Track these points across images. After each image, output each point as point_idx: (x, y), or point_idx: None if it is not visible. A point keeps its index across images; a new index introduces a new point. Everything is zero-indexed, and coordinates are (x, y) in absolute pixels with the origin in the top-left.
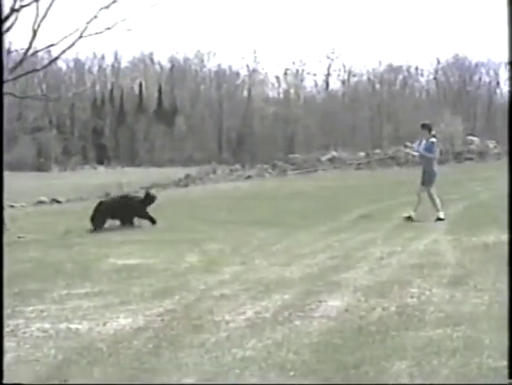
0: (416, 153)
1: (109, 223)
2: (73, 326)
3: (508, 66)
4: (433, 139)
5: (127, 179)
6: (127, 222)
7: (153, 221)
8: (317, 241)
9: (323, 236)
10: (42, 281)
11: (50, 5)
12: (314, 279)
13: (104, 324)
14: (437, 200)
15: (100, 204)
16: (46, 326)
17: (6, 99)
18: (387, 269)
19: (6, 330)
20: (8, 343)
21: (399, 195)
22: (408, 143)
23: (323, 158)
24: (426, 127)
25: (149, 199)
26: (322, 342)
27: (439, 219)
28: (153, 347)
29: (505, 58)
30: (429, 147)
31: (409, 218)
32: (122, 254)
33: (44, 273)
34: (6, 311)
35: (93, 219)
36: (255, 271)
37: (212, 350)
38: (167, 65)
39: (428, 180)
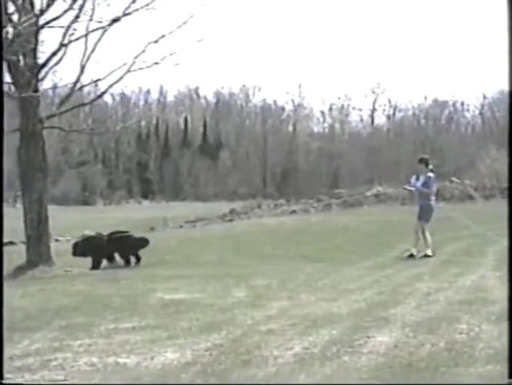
0: (412, 188)
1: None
2: (121, 360)
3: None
4: (430, 174)
5: (171, 213)
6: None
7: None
8: (364, 277)
9: (369, 271)
10: (90, 315)
11: (99, 40)
12: (361, 314)
13: (152, 358)
14: (429, 238)
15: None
16: (94, 359)
17: (53, 133)
18: (434, 305)
19: (53, 363)
20: (56, 377)
21: (445, 230)
22: (412, 179)
23: (368, 193)
24: (423, 162)
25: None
26: (371, 378)
27: (426, 255)
28: (202, 382)
29: None
30: (427, 182)
31: (426, 256)
32: (168, 289)
33: (91, 307)
34: (54, 344)
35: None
36: (302, 306)
37: None
38: (212, 100)
39: (424, 215)
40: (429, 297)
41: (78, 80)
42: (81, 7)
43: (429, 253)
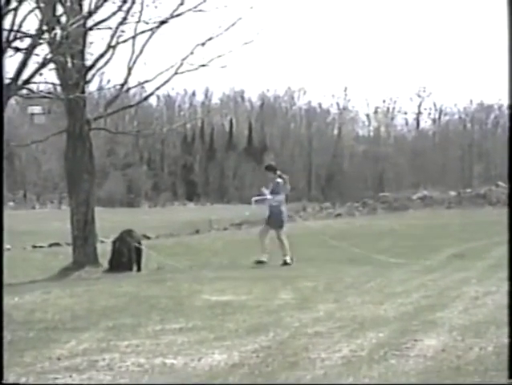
0: (256, 198)
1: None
2: (168, 361)
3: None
4: (279, 180)
5: (216, 216)
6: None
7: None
8: (410, 280)
9: (416, 274)
10: (136, 316)
11: (146, 42)
12: (408, 318)
13: (199, 359)
14: (286, 244)
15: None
16: (142, 360)
17: (99, 135)
18: (482, 308)
19: (101, 363)
20: (104, 377)
21: (493, 234)
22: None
23: (414, 196)
24: (270, 169)
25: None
26: (419, 382)
27: (285, 263)
28: (249, 383)
29: None
30: (275, 188)
31: (285, 263)
32: (214, 290)
33: (138, 308)
34: (102, 345)
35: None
36: (349, 309)
37: None
38: (257, 102)
39: (275, 222)
40: (477, 301)
41: (125, 82)
42: (129, 9)
43: (288, 260)
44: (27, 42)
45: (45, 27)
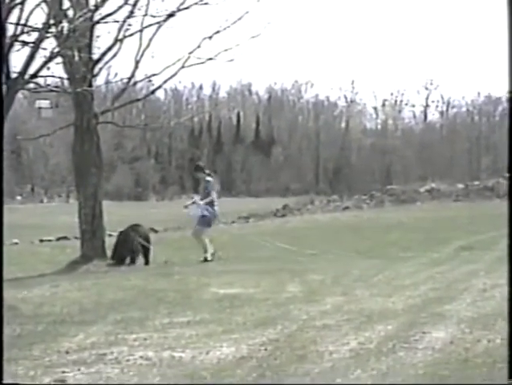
0: (195, 202)
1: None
2: (176, 355)
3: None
4: (209, 178)
5: (224, 209)
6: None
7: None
8: (418, 272)
9: (423, 267)
10: (144, 309)
11: (153, 35)
12: (417, 310)
13: (207, 353)
14: (207, 242)
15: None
16: (150, 353)
17: (106, 128)
18: (490, 301)
19: (109, 357)
20: (112, 370)
21: (500, 227)
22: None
23: (422, 189)
24: (199, 170)
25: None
26: (428, 374)
27: (205, 260)
28: (257, 376)
29: None
30: (207, 187)
31: (206, 260)
32: (222, 283)
33: (146, 302)
34: (110, 338)
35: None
36: (357, 302)
37: (316, 380)
38: (264, 95)
39: (206, 221)
40: (485, 294)
41: (132, 76)
42: (136, 2)
43: (209, 257)
44: (34, 36)
45: (52, 21)
